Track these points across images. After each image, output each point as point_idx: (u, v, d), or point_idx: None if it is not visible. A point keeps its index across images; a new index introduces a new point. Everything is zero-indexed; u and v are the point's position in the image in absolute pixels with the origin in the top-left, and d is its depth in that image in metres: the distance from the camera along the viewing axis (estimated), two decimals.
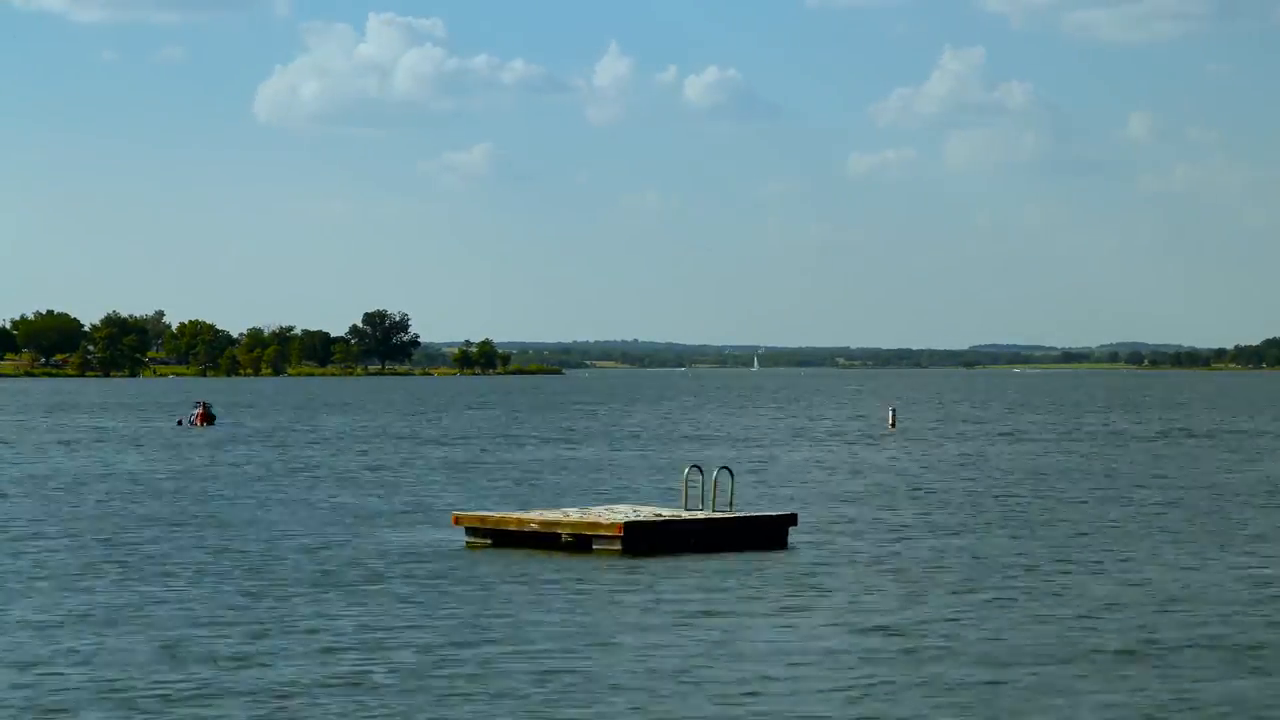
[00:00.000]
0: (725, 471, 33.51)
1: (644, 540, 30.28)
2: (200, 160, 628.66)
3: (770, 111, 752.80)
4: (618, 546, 30.05)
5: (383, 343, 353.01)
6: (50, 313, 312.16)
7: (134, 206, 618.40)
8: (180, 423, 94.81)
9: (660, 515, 31.76)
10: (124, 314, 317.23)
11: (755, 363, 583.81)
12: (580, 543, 30.60)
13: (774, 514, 33.59)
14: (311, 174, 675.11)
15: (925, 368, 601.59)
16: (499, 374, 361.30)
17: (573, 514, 32.07)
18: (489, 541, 31.60)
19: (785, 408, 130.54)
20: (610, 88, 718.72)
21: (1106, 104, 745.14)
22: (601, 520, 30.91)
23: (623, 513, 32.10)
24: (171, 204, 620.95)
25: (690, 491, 33.60)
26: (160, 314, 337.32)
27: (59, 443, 73.28)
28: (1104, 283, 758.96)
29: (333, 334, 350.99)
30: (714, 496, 32.44)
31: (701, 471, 33.26)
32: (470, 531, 32.19)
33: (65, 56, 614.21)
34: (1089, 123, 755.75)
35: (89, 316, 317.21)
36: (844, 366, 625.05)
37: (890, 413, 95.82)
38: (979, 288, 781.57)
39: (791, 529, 32.63)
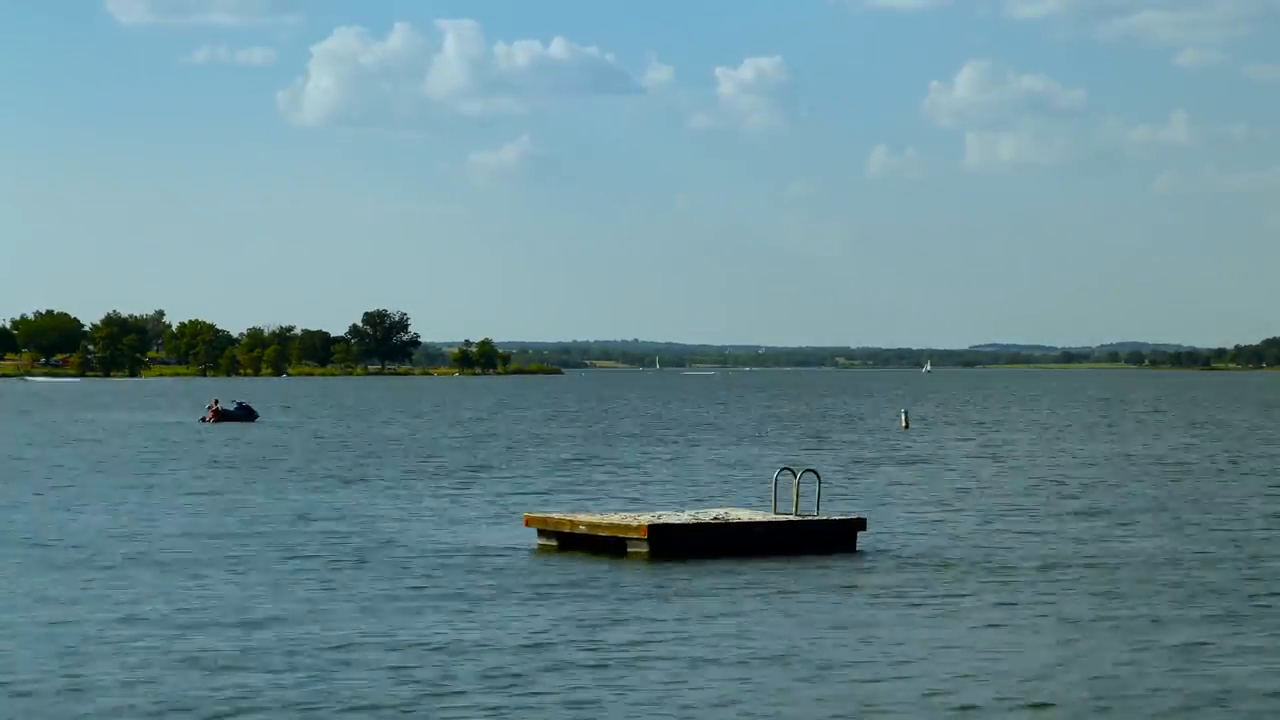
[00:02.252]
0: (811, 474, 32.70)
1: (671, 544, 29.72)
2: (201, 161, 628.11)
3: (789, 112, 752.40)
4: (645, 549, 29.59)
5: (383, 343, 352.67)
6: (50, 313, 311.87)
7: (134, 206, 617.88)
8: (204, 419, 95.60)
9: (720, 518, 31.04)
10: (124, 314, 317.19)
11: (657, 363, 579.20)
12: (616, 545, 30.23)
13: (839, 517, 32.41)
14: (311, 174, 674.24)
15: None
16: (499, 374, 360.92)
17: (643, 517, 31.53)
18: (555, 543, 31.43)
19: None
20: (629, 89, 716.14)
21: (1117, 106, 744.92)
22: (630, 523, 30.48)
23: (679, 515, 31.65)
24: (172, 203, 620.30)
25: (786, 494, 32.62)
26: (160, 314, 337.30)
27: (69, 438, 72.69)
28: (1104, 283, 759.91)
29: (333, 334, 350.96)
30: (797, 499, 31.71)
31: (793, 474, 32.31)
32: (540, 533, 32.04)
33: (76, 56, 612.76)
34: (1096, 125, 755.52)
35: (89, 316, 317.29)
36: (844, 366, 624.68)
37: (903, 414, 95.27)
38: (979, 288, 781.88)
39: (860, 533, 31.60)
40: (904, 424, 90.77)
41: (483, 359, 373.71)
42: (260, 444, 72.06)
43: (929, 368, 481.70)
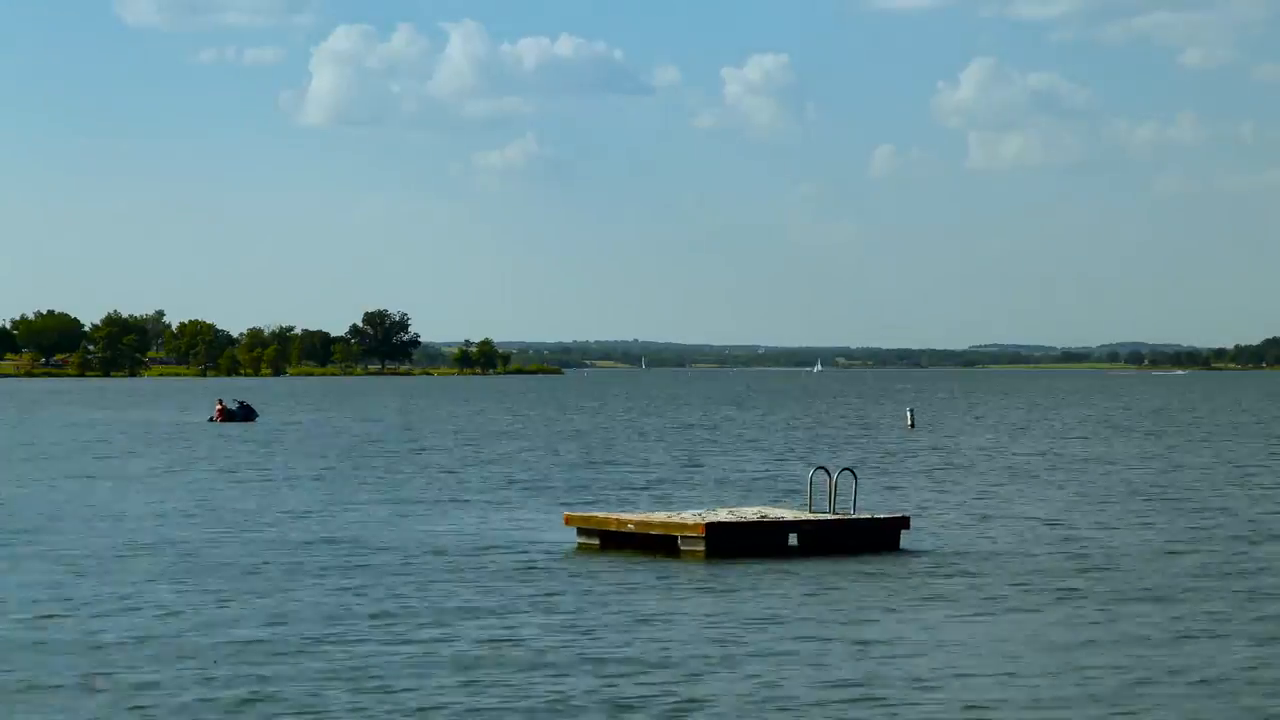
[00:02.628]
0: (848, 473, 32.38)
1: (727, 542, 29.53)
2: (204, 161, 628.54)
3: (795, 112, 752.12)
4: (700, 548, 29.35)
5: (383, 343, 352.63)
6: (50, 313, 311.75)
7: (135, 206, 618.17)
8: (212, 419, 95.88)
9: (763, 516, 30.82)
10: (124, 314, 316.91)
11: (643, 363, 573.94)
12: (668, 544, 30.00)
13: (883, 516, 32.17)
14: (315, 174, 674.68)
15: (925, 367, 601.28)
16: (499, 374, 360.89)
17: (687, 516, 31.30)
18: (596, 542, 31.19)
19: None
20: (635, 88, 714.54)
21: (1123, 106, 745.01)
22: (685, 521, 30.25)
23: (724, 513, 31.40)
24: (173, 203, 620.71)
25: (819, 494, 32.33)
26: (160, 314, 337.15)
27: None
28: (1105, 283, 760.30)
29: (333, 334, 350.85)
30: (834, 498, 31.43)
31: (828, 473, 32.01)
32: (580, 532, 31.82)
33: (81, 58, 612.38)
34: (1102, 125, 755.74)
35: (89, 316, 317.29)
36: (844, 366, 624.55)
37: (909, 414, 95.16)
38: (979, 288, 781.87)
39: (904, 532, 31.26)
40: (910, 423, 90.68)
41: (482, 359, 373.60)
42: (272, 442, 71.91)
43: (819, 368, 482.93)
